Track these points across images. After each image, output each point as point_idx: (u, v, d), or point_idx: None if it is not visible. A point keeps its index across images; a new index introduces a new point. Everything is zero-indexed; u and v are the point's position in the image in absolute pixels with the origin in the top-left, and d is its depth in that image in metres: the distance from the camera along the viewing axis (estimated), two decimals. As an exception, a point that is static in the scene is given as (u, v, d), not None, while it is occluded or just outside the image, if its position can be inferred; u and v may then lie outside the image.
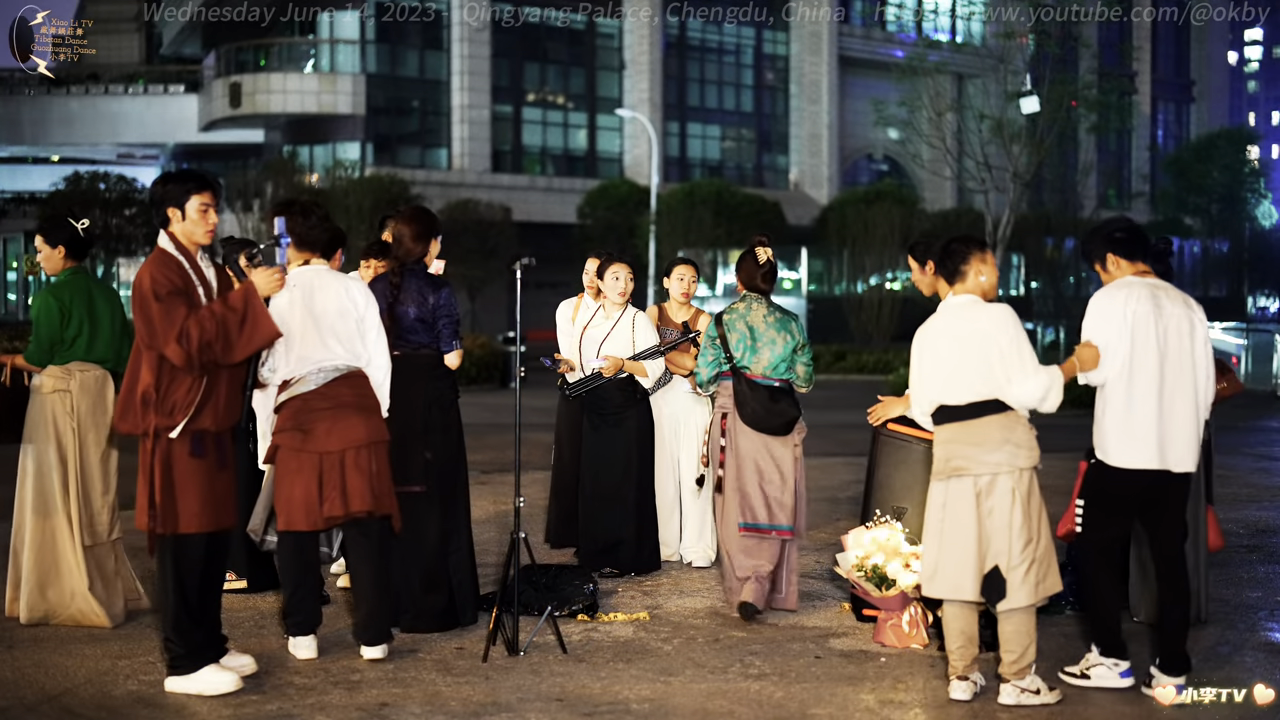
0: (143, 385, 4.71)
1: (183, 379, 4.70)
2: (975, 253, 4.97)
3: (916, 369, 5.03)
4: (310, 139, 45.02)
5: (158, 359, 4.70)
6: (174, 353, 4.64)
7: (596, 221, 40.72)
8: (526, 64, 47.30)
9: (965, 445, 4.80)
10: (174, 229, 4.85)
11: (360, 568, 5.27)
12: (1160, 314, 4.92)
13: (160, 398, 4.69)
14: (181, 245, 4.84)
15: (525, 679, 5.02)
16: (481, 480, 9.50)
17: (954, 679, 4.86)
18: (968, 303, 4.95)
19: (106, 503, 5.80)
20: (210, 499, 4.77)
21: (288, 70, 45.25)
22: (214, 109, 45.49)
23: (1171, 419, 4.88)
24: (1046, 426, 5.32)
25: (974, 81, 35.22)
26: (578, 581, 6.14)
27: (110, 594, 5.78)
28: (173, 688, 4.79)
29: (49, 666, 5.13)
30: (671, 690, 4.94)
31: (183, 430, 4.70)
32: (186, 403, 4.69)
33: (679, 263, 7.66)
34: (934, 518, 4.88)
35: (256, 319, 4.75)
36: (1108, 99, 29.44)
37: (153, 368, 4.70)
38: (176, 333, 4.62)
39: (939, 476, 4.87)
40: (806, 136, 51.21)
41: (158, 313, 4.65)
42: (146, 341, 4.70)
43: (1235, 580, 6.88)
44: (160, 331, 4.64)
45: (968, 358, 4.84)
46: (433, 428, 5.67)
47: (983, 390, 4.82)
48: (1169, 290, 5.01)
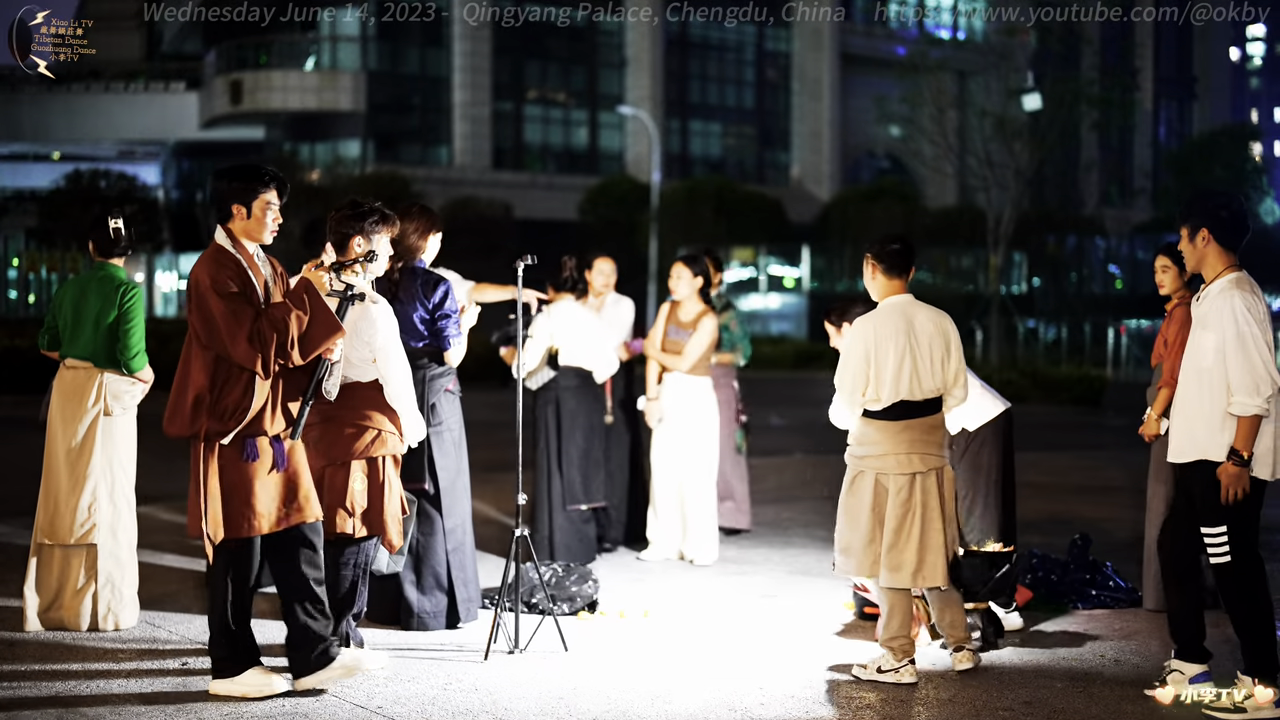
0: (195, 388, 4.54)
1: (237, 383, 4.54)
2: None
3: (866, 365, 5.05)
4: (311, 136, 45.00)
5: (213, 360, 4.54)
6: (244, 354, 4.48)
7: (598, 219, 40.70)
8: (527, 61, 47.26)
9: (906, 443, 5.00)
10: (234, 226, 4.68)
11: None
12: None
13: (214, 401, 4.54)
14: (238, 243, 4.68)
15: (526, 678, 5.02)
16: (482, 479, 9.49)
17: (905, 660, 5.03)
18: (912, 300, 5.17)
19: (71, 504, 5.64)
20: (263, 503, 4.63)
21: (288, 67, 45.22)
22: (215, 106, 45.47)
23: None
24: (1047, 426, 5.30)
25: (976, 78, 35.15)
26: (579, 580, 6.14)
27: (64, 597, 5.65)
28: (219, 690, 4.68)
29: (49, 664, 5.12)
30: (673, 688, 4.93)
31: (235, 435, 4.56)
32: (241, 407, 4.54)
33: (676, 261, 7.66)
34: (864, 508, 5.05)
35: (322, 317, 4.61)
36: (1110, 96, 29.40)
37: (207, 370, 4.54)
38: (247, 333, 4.47)
39: (885, 471, 5.02)
40: (808, 133, 51.18)
41: (221, 312, 4.49)
42: (205, 342, 4.54)
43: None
44: (225, 332, 4.47)
45: (922, 356, 5.02)
46: (433, 425, 5.66)
47: (933, 388, 5.04)
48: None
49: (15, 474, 10.52)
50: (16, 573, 6.74)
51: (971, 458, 5.93)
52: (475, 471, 6.13)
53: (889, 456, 5.05)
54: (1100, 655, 5.44)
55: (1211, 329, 4.64)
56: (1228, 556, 4.62)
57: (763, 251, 39.60)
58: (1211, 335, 4.63)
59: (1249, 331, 4.53)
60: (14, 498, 9.13)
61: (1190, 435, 4.70)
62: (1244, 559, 4.65)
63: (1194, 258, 4.78)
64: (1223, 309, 4.61)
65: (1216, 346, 4.60)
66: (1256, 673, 4.62)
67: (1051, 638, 5.69)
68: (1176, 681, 4.78)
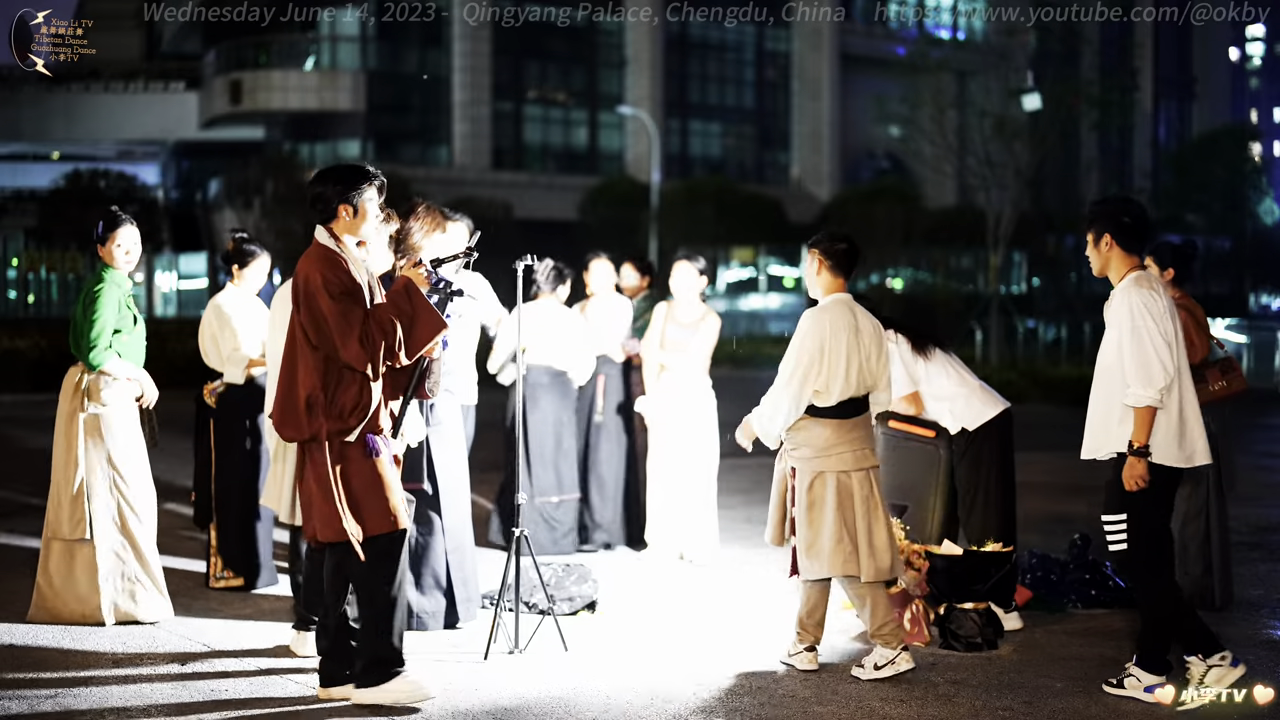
0: (306, 390, 4.50)
1: (351, 382, 4.51)
2: None
3: (821, 358, 5.08)
4: (311, 136, 44.97)
5: (323, 361, 4.51)
6: (355, 355, 4.45)
7: (598, 219, 40.68)
8: (527, 61, 47.23)
9: (858, 440, 5.10)
10: (338, 226, 4.65)
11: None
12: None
13: (328, 401, 4.50)
14: (341, 243, 4.64)
15: (526, 678, 5.02)
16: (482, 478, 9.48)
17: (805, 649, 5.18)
18: (852, 299, 5.25)
19: (67, 500, 5.66)
20: (396, 497, 4.63)
21: (288, 67, 45.19)
22: (214, 106, 45.43)
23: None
24: (1047, 426, 5.30)
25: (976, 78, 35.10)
26: (579, 580, 6.14)
27: (67, 591, 5.68)
28: (365, 699, 4.59)
29: (49, 664, 5.12)
30: (673, 688, 4.93)
31: (359, 433, 4.53)
32: (360, 405, 4.52)
33: (677, 260, 7.66)
34: (829, 508, 5.08)
35: (426, 314, 4.57)
36: (1110, 96, 29.38)
37: (318, 370, 4.50)
38: (358, 335, 4.44)
39: (845, 468, 5.08)
40: (808, 133, 51.14)
41: (333, 313, 4.45)
42: (314, 342, 4.50)
43: (1236, 578, 6.86)
44: (337, 333, 4.45)
45: (865, 354, 5.11)
46: (433, 425, 5.66)
47: (870, 386, 5.16)
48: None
49: (14, 474, 10.53)
50: (15, 570, 6.75)
51: (971, 458, 5.94)
52: (475, 469, 6.14)
53: (846, 454, 5.11)
54: (1100, 655, 5.44)
55: (1113, 327, 4.85)
56: (1125, 544, 4.80)
57: (762, 251, 39.56)
58: (1113, 333, 4.83)
59: (1142, 325, 4.72)
60: (15, 497, 9.14)
61: (1098, 431, 4.88)
62: (1148, 546, 4.80)
63: (1099, 261, 4.99)
64: (1120, 307, 4.81)
65: (1117, 343, 4.81)
66: (1143, 665, 4.81)
67: (1051, 638, 5.69)
68: (1133, 687, 4.83)
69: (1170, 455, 4.77)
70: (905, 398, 5.99)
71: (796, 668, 5.20)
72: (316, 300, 4.49)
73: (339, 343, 4.45)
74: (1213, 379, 6.13)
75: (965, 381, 5.99)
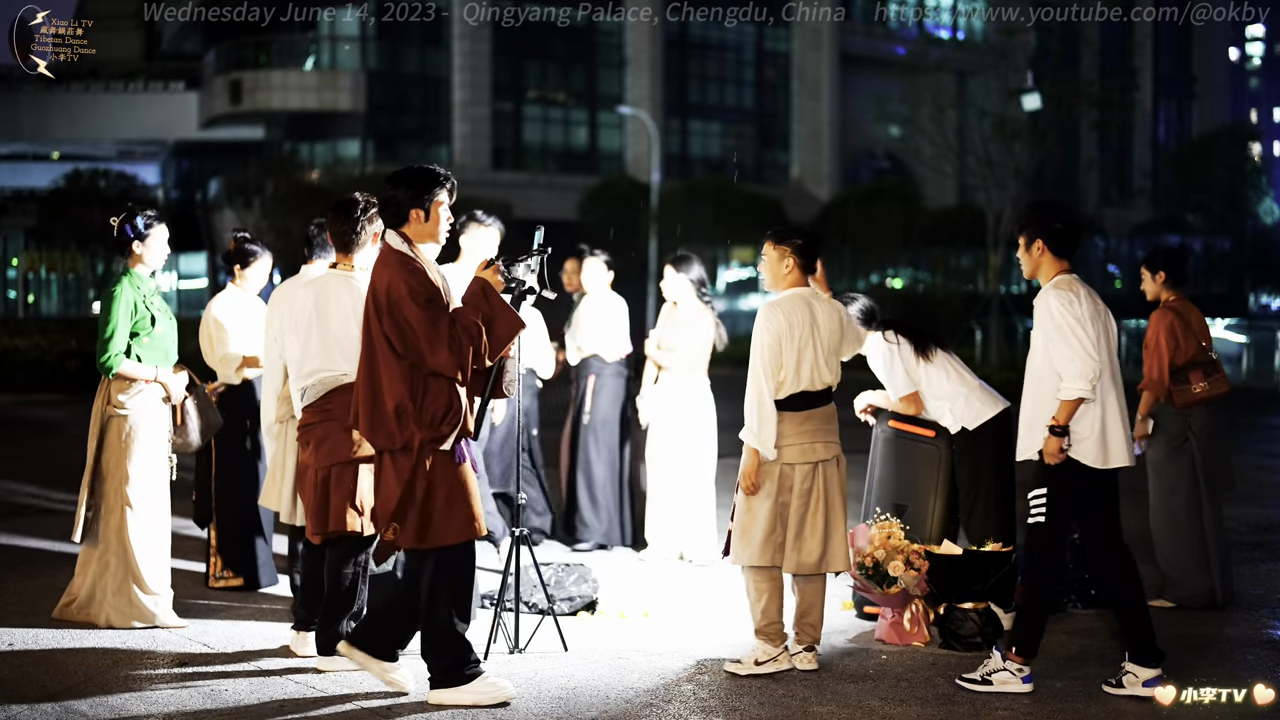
0: (394, 398, 4.46)
1: (440, 389, 4.48)
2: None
3: (780, 351, 5.11)
4: (311, 136, 44.96)
5: (409, 369, 4.47)
6: (445, 362, 4.43)
7: (597, 219, 40.68)
8: (527, 61, 47.23)
9: (809, 433, 5.14)
10: (410, 230, 4.61)
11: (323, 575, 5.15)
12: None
13: (419, 410, 4.46)
14: (414, 248, 4.61)
15: (526, 678, 5.01)
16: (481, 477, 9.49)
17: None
18: (815, 291, 5.31)
19: (82, 504, 5.66)
20: (479, 503, 4.64)
21: (288, 67, 45.17)
22: (214, 106, 45.42)
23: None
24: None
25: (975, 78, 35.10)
26: (579, 580, 6.14)
27: (85, 593, 5.68)
28: (443, 700, 4.61)
29: (49, 664, 5.12)
30: (673, 688, 4.93)
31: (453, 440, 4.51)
32: (452, 412, 4.49)
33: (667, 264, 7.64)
34: (768, 497, 5.12)
35: (504, 315, 4.56)
36: (1109, 96, 29.38)
37: (404, 379, 4.46)
38: (447, 341, 4.43)
39: (789, 461, 5.11)
40: (808, 133, 51.14)
41: (421, 321, 4.42)
42: (400, 351, 4.45)
43: (1236, 578, 6.86)
44: (426, 341, 4.41)
45: (822, 347, 5.18)
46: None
47: (830, 379, 5.23)
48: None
49: (13, 474, 10.54)
50: (16, 571, 6.74)
51: (971, 458, 5.94)
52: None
53: (793, 446, 5.14)
54: (1100, 655, 5.44)
55: (1038, 330, 4.98)
56: (1042, 517, 4.94)
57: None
58: (1039, 335, 4.98)
59: (1065, 323, 4.87)
60: (15, 497, 9.13)
61: (1027, 433, 5.00)
62: (1052, 537, 4.95)
63: (1030, 265, 5.12)
64: (1041, 310, 4.98)
65: (1043, 346, 4.94)
66: (1135, 660, 4.89)
67: (1051, 638, 5.68)
68: (1131, 684, 4.86)
69: (1088, 454, 4.90)
70: (905, 398, 6.00)
71: (797, 668, 5.20)
72: (401, 309, 4.45)
73: (427, 351, 4.43)
74: (1195, 380, 6.25)
75: (965, 381, 5.99)
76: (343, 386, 5.00)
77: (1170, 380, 6.25)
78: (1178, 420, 6.30)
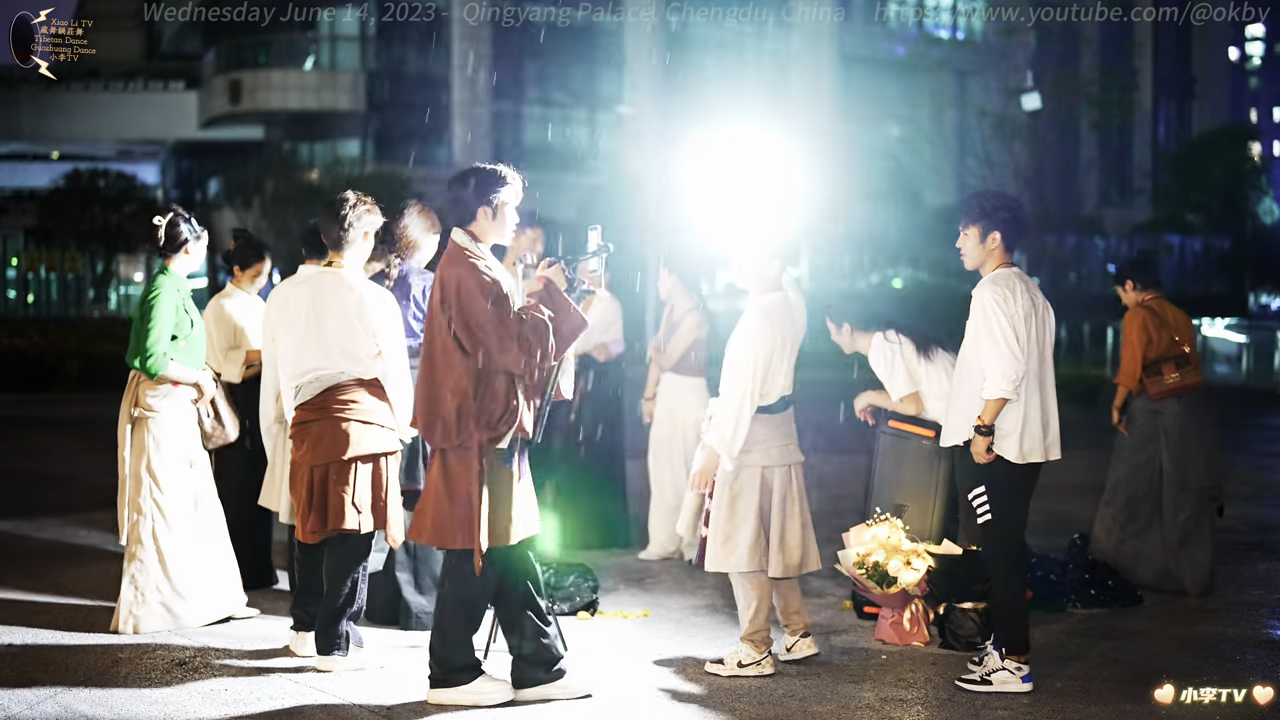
0: (458, 397, 4.46)
1: (498, 389, 4.47)
2: None
3: (769, 362, 5.09)
4: (310, 136, 44.96)
5: (473, 368, 4.47)
6: (514, 360, 4.42)
7: (597, 219, 40.69)
8: (527, 61, 47.24)
9: (785, 435, 5.16)
10: (477, 228, 4.63)
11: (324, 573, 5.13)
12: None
13: (479, 409, 4.46)
14: (481, 245, 4.62)
15: (526, 678, 5.01)
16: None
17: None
18: (791, 293, 5.30)
19: (123, 507, 5.61)
20: (534, 504, 4.65)
21: (288, 67, 45.17)
22: (214, 105, 45.42)
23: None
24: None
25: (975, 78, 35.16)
26: (579, 579, 6.14)
27: (137, 597, 5.63)
28: (444, 700, 4.63)
29: (49, 664, 5.12)
30: (674, 687, 4.93)
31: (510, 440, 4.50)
32: (509, 411, 4.48)
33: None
34: (751, 503, 5.10)
35: (567, 314, 4.55)
36: (1109, 96, 29.40)
37: (469, 376, 4.46)
38: (516, 339, 4.41)
39: (770, 464, 5.10)
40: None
41: (491, 319, 4.41)
42: (468, 348, 4.45)
43: (1236, 578, 6.87)
44: (496, 339, 4.41)
45: (794, 352, 5.19)
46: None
47: (789, 385, 5.22)
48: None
49: (14, 474, 10.54)
50: (16, 572, 6.74)
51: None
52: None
53: (773, 449, 5.14)
54: (1100, 655, 5.44)
55: (971, 322, 5.02)
56: (989, 515, 4.99)
57: (762, 251, 39.48)
58: (971, 328, 5.02)
59: (995, 321, 4.89)
60: (15, 497, 9.14)
61: (958, 421, 5.06)
62: (1005, 531, 4.98)
63: (980, 256, 5.11)
64: (975, 304, 5.00)
65: (973, 339, 4.98)
66: (1000, 644, 4.92)
67: (1051, 638, 5.69)
68: (1002, 682, 4.89)
69: (1009, 450, 4.94)
70: (905, 398, 6.00)
71: (797, 657, 5.21)
72: (471, 306, 4.44)
73: (497, 348, 4.42)
74: (1167, 372, 6.56)
75: (965, 381, 5.99)
76: (340, 384, 5.01)
77: (1144, 373, 6.59)
78: (1148, 418, 6.64)
